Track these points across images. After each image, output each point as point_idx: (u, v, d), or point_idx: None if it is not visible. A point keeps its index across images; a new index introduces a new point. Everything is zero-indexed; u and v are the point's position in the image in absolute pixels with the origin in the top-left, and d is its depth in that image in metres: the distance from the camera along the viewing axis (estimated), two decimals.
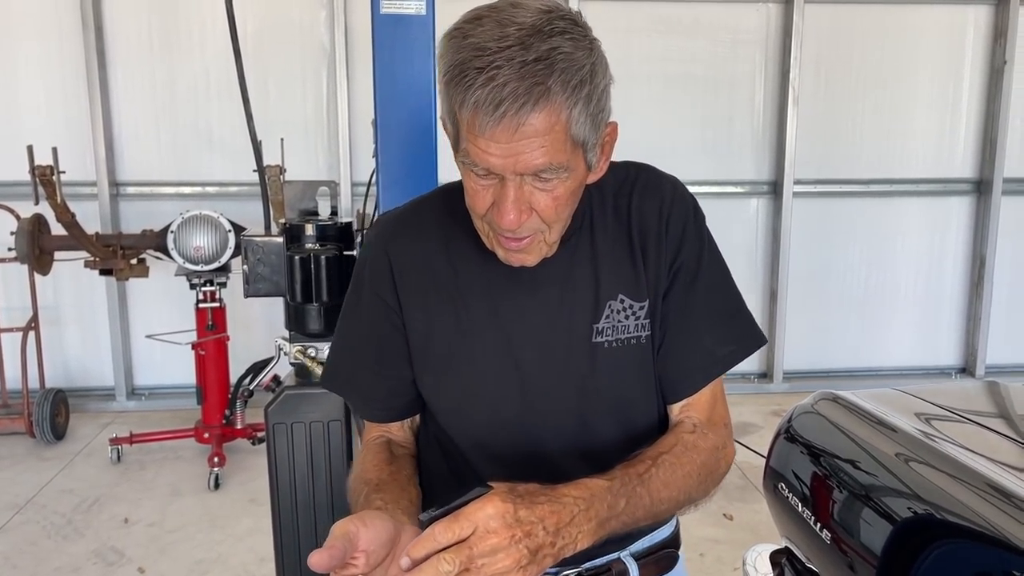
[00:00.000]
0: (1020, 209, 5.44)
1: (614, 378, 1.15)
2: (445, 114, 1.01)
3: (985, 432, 1.61)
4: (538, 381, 1.14)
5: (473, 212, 1.05)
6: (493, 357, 1.14)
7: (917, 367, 5.60)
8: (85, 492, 3.90)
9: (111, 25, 4.85)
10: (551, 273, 1.13)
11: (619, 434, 1.17)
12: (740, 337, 1.22)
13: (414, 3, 1.88)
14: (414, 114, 1.93)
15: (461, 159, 1.00)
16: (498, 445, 1.17)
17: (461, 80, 0.93)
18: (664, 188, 1.17)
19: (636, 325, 1.14)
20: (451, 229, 1.16)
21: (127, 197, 5.00)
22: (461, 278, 1.15)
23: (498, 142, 0.94)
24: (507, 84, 0.91)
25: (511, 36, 0.92)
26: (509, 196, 0.98)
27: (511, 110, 0.92)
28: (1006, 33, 5.17)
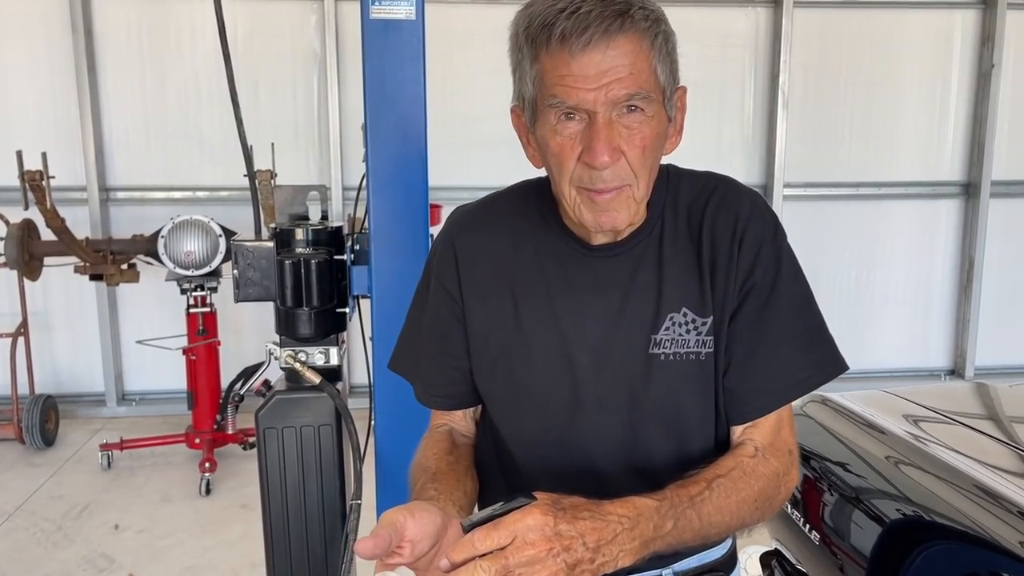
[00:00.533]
0: (1008, 211, 5.48)
1: (669, 392, 1.12)
2: (522, 81, 1.04)
3: (972, 434, 1.62)
4: (591, 385, 1.13)
5: (561, 172, 1.04)
6: (547, 356, 1.14)
7: (907, 369, 5.62)
8: (75, 498, 3.89)
9: (101, 29, 4.84)
10: (613, 277, 1.12)
11: (671, 450, 1.14)
12: (818, 362, 1.15)
13: (404, 8, 1.89)
14: (404, 119, 1.93)
15: (549, 104, 1.01)
16: (545, 446, 1.16)
17: (544, 26, 0.97)
18: (742, 203, 1.13)
19: (698, 341, 1.11)
20: (520, 225, 1.17)
21: (117, 202, 4.99)
22: (523, 274, 1.15)
23: (587, 72, 0.97)
24: (591, 12, 0.96)
25: None
26: (601, 131, 0.99)
27: (598, 32, 0.96)
28: (993, 37, 5.21)
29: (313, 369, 2.03)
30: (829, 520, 1.62)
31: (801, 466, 1.76)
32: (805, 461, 1.75)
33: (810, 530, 1.63)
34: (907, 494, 1.48)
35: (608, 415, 1.13)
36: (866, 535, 1.51)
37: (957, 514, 1.36)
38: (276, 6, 4.94)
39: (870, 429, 1.65)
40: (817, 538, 1.61)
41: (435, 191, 5.26)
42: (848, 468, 1.64)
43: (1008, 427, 1.77)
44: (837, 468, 1.67)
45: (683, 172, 1.19)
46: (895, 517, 1.48)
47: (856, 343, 5.55)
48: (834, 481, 1.65)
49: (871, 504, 1.53)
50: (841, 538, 1.58)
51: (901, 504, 1.48)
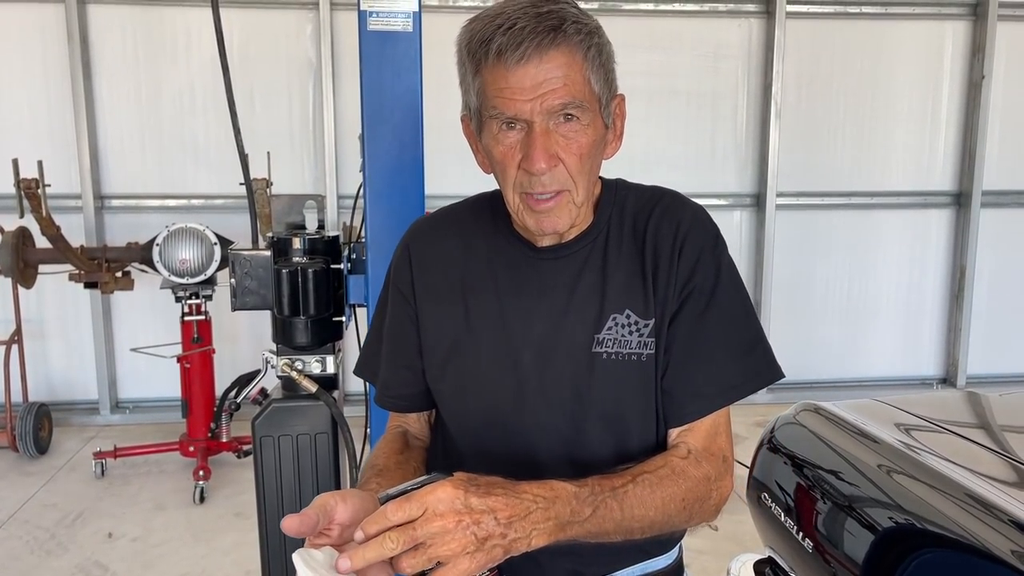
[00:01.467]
0: (999, 221, 5.52)
1: (610, 390, 1.16)
2: (467, 93, 1.10)
3: (963, 442, 1.64)
4: (534, 380, 1.17)
5: (505, 178, 1.10)
6: (493, 353, 1.18)
7: (899, 377, 5.65)
8: (69, 507, 3.88)
9: (96, 37, 4.85)
10: (558, 278, 1.17)
11: (611, 448, 1.17)
12: (753, 369, 1.19)
13: (401, 20, 1.90)
14: (401, 129, 1.95)
15: (490, 115, 1.07)
16: (490, 440, 1.20)
17: (483, 42, 1.04)
18: (684, 213, 1.19)
19: (639, 342, 1.15)
20: (473, 231, 1.23)
21: (112, 210, 4.99)
22: (474, 277, 1.21)
23: (523, 84, 1.03)
24: (526, 27, 1.01)
25: (523, 2, 1.04)
26: (537, 140, 1.05)
27: (531, 46, 1.02)
28: (983, 48, 5.26)
29: (309, 378, 2.04)
30: (822, 528, 1.63)
31: (793, 473, 1.77)
32: (797, 468, 1.76)
33: (803, 538, 1.64)
34: (899, 502, 1.50)
35: (551, 411, 1.17)
36: (859, 543, 1.52)
37: (949, 523, 1.37)
38: (272, 15, 4.95)
39: (862, 437, 1.66)
40: (810, 546, 1.62)
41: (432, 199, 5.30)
42: (840, 476, 1.66)
43: (999, 436, 1.79)
44: (829, 476, 1.68)
45: (631, 185, 1.25)
46: (887, 525, 1.49)
47: (848, 351, 5.59)
48: (827, 489, 1.66)
49: (864, 512, 1.54)
50: (834, 546, 1.59)
51: (893, 512, 1.50)
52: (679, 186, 1.27)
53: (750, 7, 5.24)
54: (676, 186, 1.26)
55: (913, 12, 5.32)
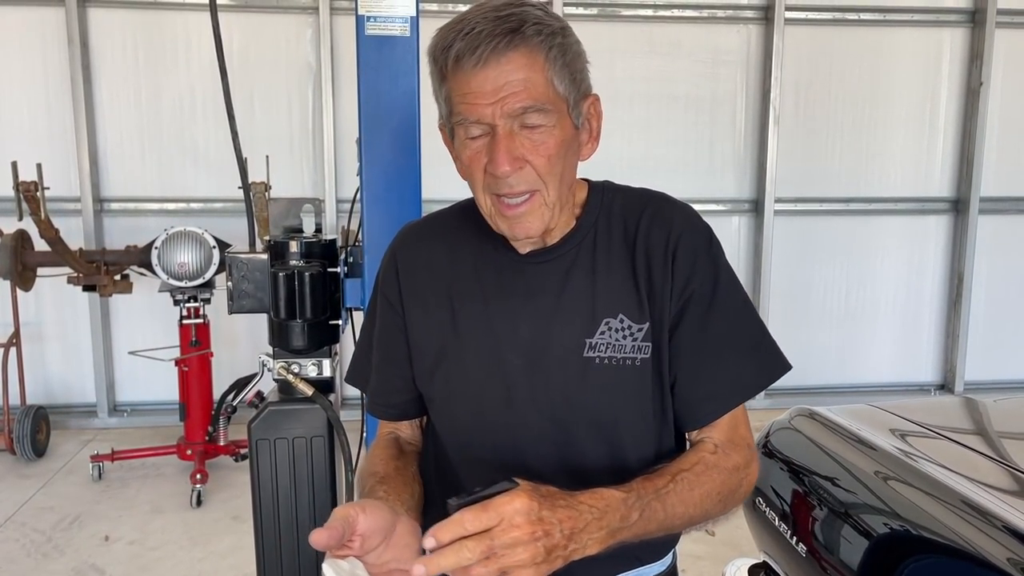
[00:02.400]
0: (996, 227, 5.53)
1: (603, 396, 1.15)
2: (438, 101, 1.11)
3: (959, 449, 1.64)
4: (523, 385, 1.16)
5: (474, 182, 1.10)
6: (480, 358, 1.18)
7: (897, 383, 5.65)
8: (66, 510, 3.87)
9: (96, 40, 4.85)
10: (545, 282, 1.16)
11: (603, 453, 1.16)
12: (763, 364, 1.20)
13: (398, 25, 1.91)
14: (398, 133, 1.95)
15: (456, 122, 1.07)
16: (480, 447, 1.19)
17: (443, 49, 1.04)
18: (675, 217, 1.17)
19: (634, 346, 1.14)
20: (459, 237, 1.23)
21: (111, 213, 4.99)
22: (461, 282, 1.20)
23: (482, 88, 1.02)
24: (482, 32, 1.01)
25: (489, 9, 1.03)
26: (500, 143, 1.04)
27: (487, 50, 1.01)
28: (982, 55, 5.27)
29: (306, 381, 2.04)
30: (817, 533, 1.63)
31: (788, 479, 1.78)
32: (792, 474, 1.76)
33: (798, 543, 1.65)
34: (895, 508, 1.50)
35: (541, 416, 1.16)
36: (854, 549, 1.52)
37: (944, 529, 1.37)
38: (271, 19, 4.96)
39: (858, 443, 1.67)
40: (805, 551, 1.63)
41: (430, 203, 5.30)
42: (836, 482, 1.66)
43: (994, 442, 1.79)
44: (825, 482, 1.69)
45: (619, 187, 1.24)
46: (882, 531, 1.50)
47: (846, 357, 5.59)
48: (822, 495, 1.66)
49: (859, 518, 1.55)
50: (829, 552, 1.60)
51: (889, 518, 1.50)
52: (678, 192, 1.27)
53: (749, 13, 5.25)
54: (675, 192, 1.25)
55: (911, 19, 5.33)
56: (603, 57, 5.03)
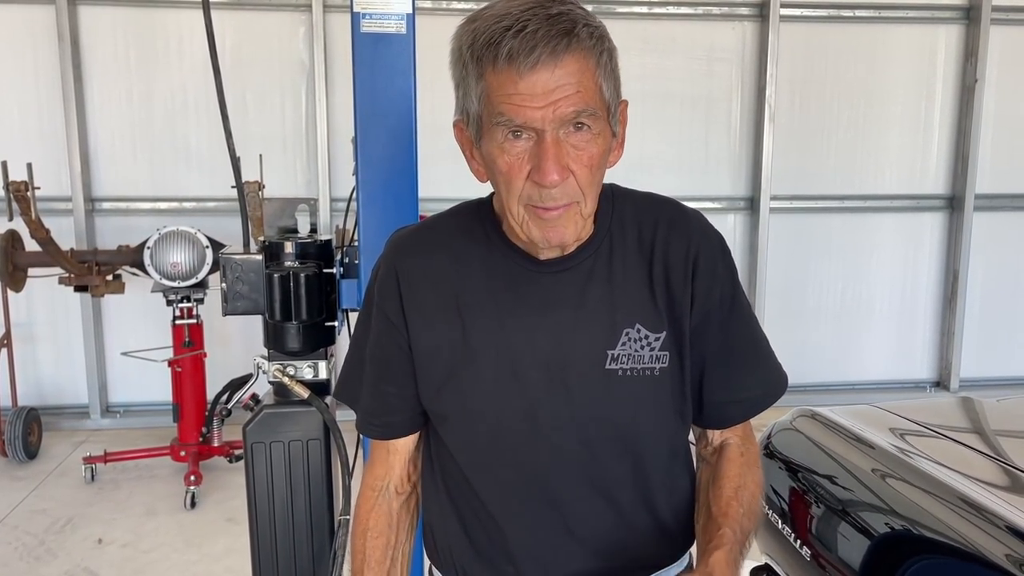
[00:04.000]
0: (992, 225, 5.53)
1: (627, 408, 1.13)
2: (467, 97, 1.04)
3: (960, 448, 1.63)
4: (545, 401, 1.12)
5: (510, 190, 1.03)
6: (498, 375, 1.12)
7: (893, 381, 5.65)
8: (58, 512, 3.84)
9: (87, 38, 4.81)
10: (563, 292, 1.12)
11: (627, 466, 1.15)
12: (775, 367, 1.25)
13: (394, 22, 1.89)
14: (394, 132, 1.93)
15: (497, 123, 1.00)
16: (500, 464, 1.15)
17: (489, 44, 0.97)
18: (691, 225, 1.17)
19: (652, 356, 1.12)
20: (463, 245, 1.16)
21: (103, 213, 4.95)
22: (470, 294, 1.14)
23: (534, 91, 0.97)
24: (538, 31, 0.96)
25: (528, 3, 0.98)
26: (549, 150, 0.99)
27: (545, 52, 0.96)
28: (976, 52, 5.26)
29: (302, 383, 2.02)
30: (819, 535, 1.62)
31: (790, 480, 1.76)
32: (794, 475, 1.75)
33: (800, 545, 1.63)
34: (896, 508, 1.49)
35: (564, 432, 1.13)
36: (855, 549, 1.51)
37: (945, 528, 1.36)
38: (264, 16, 4.93)
39: (859, 443, 1.66)
40: (808, 553, 1.61)
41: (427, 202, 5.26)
42: (837, 482, 1.65)
43: (995, 441, 1.78)
44: (826, 482, 1.68)
45: (626, 191, 1.21)
46: (884, 531, 1.48)
47: (842, 355, 5.59)
48: (823, 495, 1.65)
49: (860, 518, 1.54)
50: (831, 552, 1.58)
51: (890, 518, 1.49)
52: (673, 190, 1.27)
53: (744, 10, 5.24)
54: (670, 190, 1.25)
55: (906, 16, 5.33)
56: None
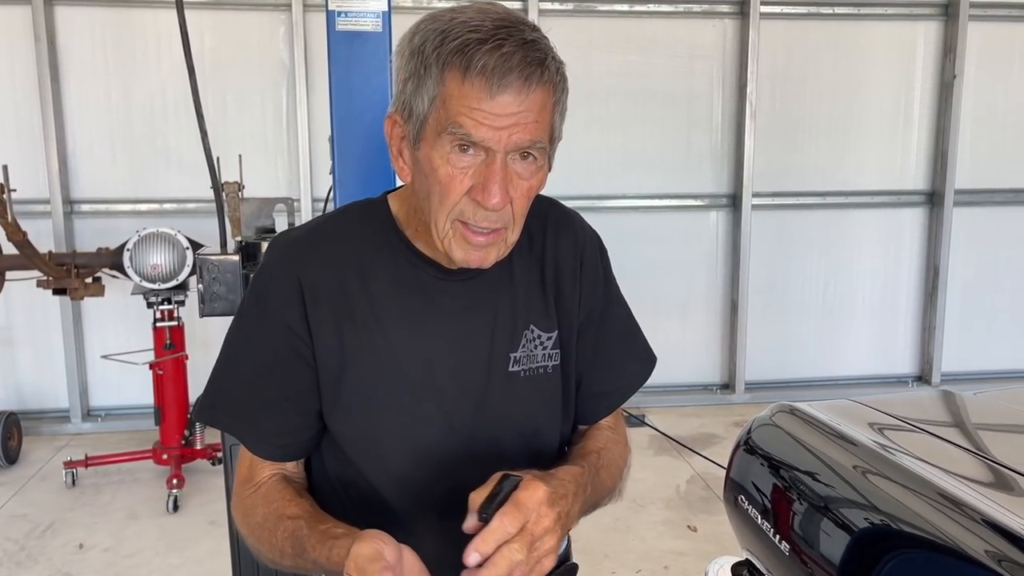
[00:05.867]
0: (971, 220, 5.57)
1: (527, 407, 1.17)
2: (415, 95, 0.99)
3: (938, 443, 1.63)
4: (458, 411, 1.12)
5: (443, 202, 1.01)
6: (413, 387, 1.11)
7: (875, 376, 5.68)
8: (38, 517, 3.80)
9: (64, 38, 4.76)
10: (471, 301, 1.12)
11: (527, 463, 1.13)
12: (644, 357, 1.32)
13: (370, 20, 1.88)
14: (370, 130, 1.92)
15: (449, 131, 0.97)
16: (418, 478, 1.13)
17: (461, 52, 0.95)
18: (575, 226, 1.22)
19: (544, 355, 1.16)
20: (366, 252, 1.12)
21: (82, 215, 4.91)
22: (378, 304, 1.10)
23: (497, 112, 0.96)
24: (515, 54, 0.95)
25: (500, 19, 0.97)
26: (498, 172, 0.98)
27: (519, 79, 0.95)
28: (955, 48, 5.30)
29: None
30: (799, 530, 1.62)
31: (770, 475, 1.76)
32: (774, 470, 1.75)
33: (780, 540, 1.63)
34: (875, 504, 1.49)
35: (477, 436, 1.14)
36: (835, 545, 1.51)
37: (925, 524, 1.37)
38: (244, 16, 4.90)
39: (838, 438, 1.66)
40: (787, 548, 1.61)
41: None
42: (817, 478, 1.65)
43: (973, 435, 1.79)
44: (806, 478, 1.68)
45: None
46: (863, 527, 1.49)
47: (824, 351, 5.62)
48: (803, 491, 1.65)
49: (840, 514, 1.54)
50: (810, 548, 1.59)
51: (870, 514, 1.49)
52: (655, 187, 1.30)
53: (724, 8, 5.25)
54: (652, 187, 1.28)
55: (885, 13, 5.36)
56: (579, 53, 5.02)
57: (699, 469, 4.20)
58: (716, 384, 5.59)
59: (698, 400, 5.34)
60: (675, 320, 5.32)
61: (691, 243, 5.35)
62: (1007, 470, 1.49)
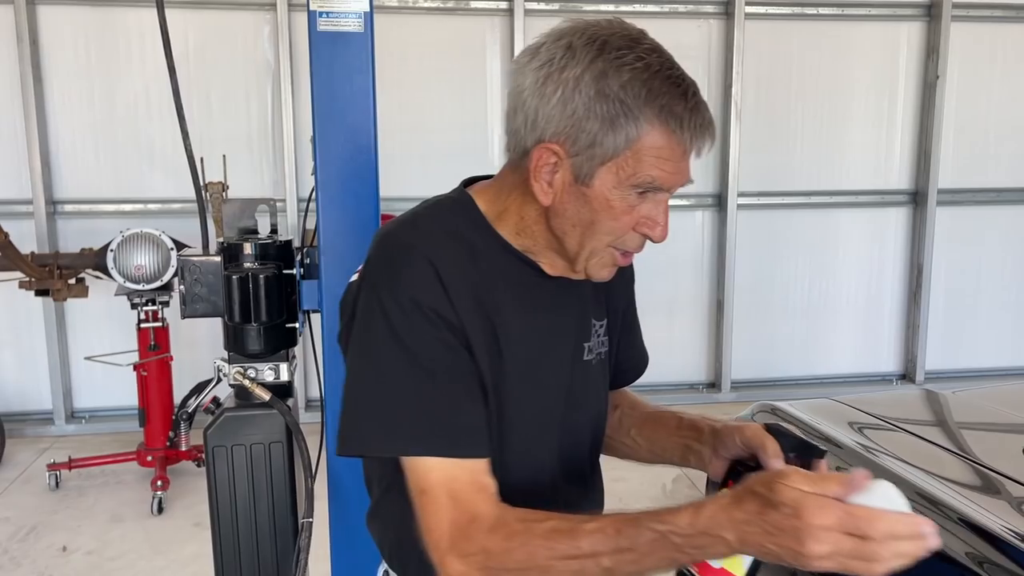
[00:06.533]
0: (954, 219, 5.61)
1: (598, 393, 1.25)
2: (607, 133, 0.99)
3: (917, 442, 1.65)
4: (555, 407, 1.17)
5: (610, 232, 1.06)
6: (522, 378, 1.12)
7: (859, 374, 5.71)
8: (21, 520, 3.78)
9: (47, 38, 4.73)
10: (562, 297, 1.16)
11: (592, 448, 1.26)
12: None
13: (352, 20, 1.87)
14: (353, 131, 1.92)
15: (638, 180, 1.02)
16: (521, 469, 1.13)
17: (668, 108, 1.00)
18: None
19: (599, 342, 1.23)
20: (477, 245, 1.10)
21: (65, 215, 4.87)
22: (491, 294, 1.09)
23: (686, 164, 1.05)
24: (706, 114, 1.04)
25: (674, 63, 1.05)
26: (666, 211, 1.08)
27: (710, 145, 1.06)
28: (938, 49, 5.34)
29: (263, 386, 2.00)
30: None
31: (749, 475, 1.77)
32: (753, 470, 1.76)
33: None
34: None
35: (568, 426, 1.19)
36: None
37: None
38: (229, 16, 4.88)
39: (818, 438, 1.67)
40: None
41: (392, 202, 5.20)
42: None
43: (952, 434, 1.81)
44: None
45: None
46: None
47: (810, 349, 5.65)
48: None
49: None
50: None
51: None
52: None
53: (709, 8, 5.27)
54: None
55: (869, 14, 5.39)
56: None
57: (684, 468, 4.20)
58: (702, 383, 5.61)
59: (684, 399, 5.36)
60: (662, 319, 5.34)
61: (677, 243, 5.36)
62: (982, 468, 1.51)
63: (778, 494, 0.84)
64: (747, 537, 0.86)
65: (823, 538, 0.81)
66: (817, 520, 0.81)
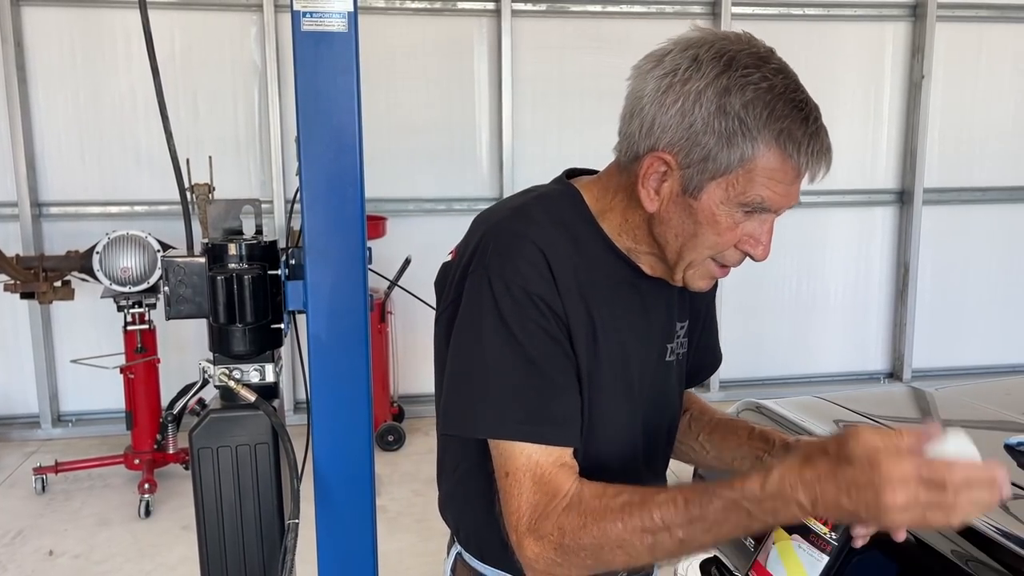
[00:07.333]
0: (940, 218, 5.64)
1: (676, 394, 1.27)
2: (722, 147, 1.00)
3: None
4: (642, 401, 1.19)
5: (712, 247, 1.07)
6: (613, 372, 1.13)
7: (847, 373, 5.74)
8: (7, 524, 3.75)
9: (31, 39, 4.71)
10: (654, 298, 1.18)
11: (667, 448, 1.29)
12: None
13: (336, 20, 1.87)
14: (338, 132, 1.91)
15: (747, 199, 1.02)
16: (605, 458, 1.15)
17: (789, 132, 1.00)
18: None
19: (679, 343, 1.24)
20: (580, 236, 1.11)
21: (51, 217, 4.85)
22: (589, 288, 1.09)
23: (795, 189, 1.05)
24: (825, 139, 1.06)
25: (799, 84, 1.05)
26: (771, 231, 1.09)
27: (828, 162, 1.07)
28: (923, 49, 5.37)
29: (248, 387, 1.99)
30: None
31: None
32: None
33: (746, 538, 1.65)
34: None
35: (650, 424, 1.22)
36: None
37: None
38: (215, 16, 4.86)
39: (802, 434, 1.67)
40: (752, 544, 1.62)
41: (380, 202, 5.20)
42: None
43: None
44: None
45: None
46: None
47: (798, 348, 5.67)
48: None
49: None
50: None
51: None
52: None
53: (696, 8, 5.29)
54: None
55: (855, 14, 5.41)
56: (552, 53, 5.03)
57: (673, 467, 4.21)
58: None
59: None
60: None
61: None
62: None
63: (851, 449, 0.83)
64: (821, 496, 0.85)
65: (901, 489, 0.80)
66: (895, 471, 0.80)
